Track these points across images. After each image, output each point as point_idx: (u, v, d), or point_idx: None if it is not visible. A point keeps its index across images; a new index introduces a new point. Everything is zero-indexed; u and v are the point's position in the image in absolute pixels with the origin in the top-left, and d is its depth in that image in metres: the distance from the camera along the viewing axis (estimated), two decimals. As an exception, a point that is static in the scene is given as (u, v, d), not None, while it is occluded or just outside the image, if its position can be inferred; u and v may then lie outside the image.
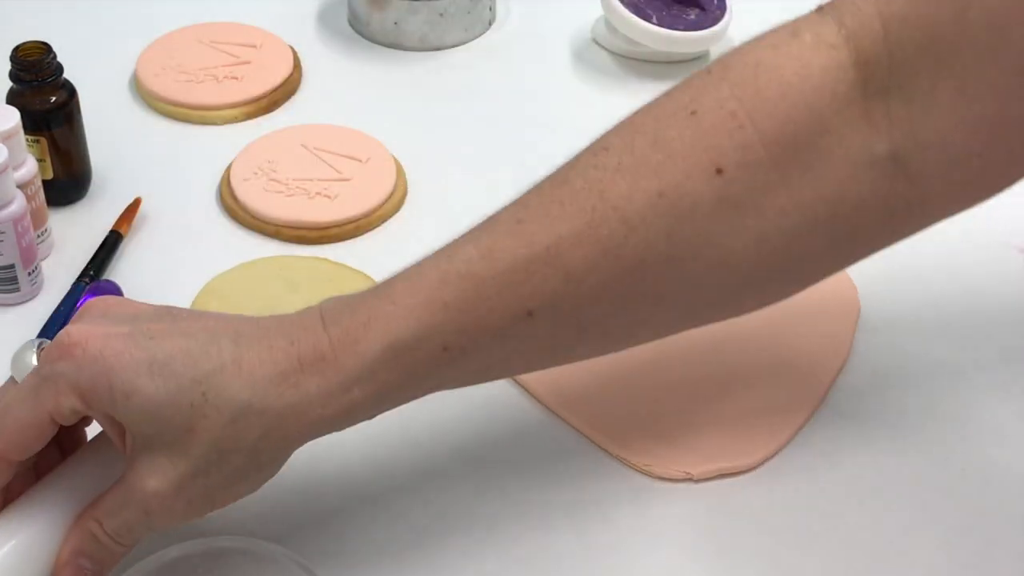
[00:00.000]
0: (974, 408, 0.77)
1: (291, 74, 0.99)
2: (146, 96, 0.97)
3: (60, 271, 0.84)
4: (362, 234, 0.88)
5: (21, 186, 0.80)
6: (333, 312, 0.61)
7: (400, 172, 0.91)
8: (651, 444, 0.73)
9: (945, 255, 0.86)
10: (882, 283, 0.83)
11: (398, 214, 0.89)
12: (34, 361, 0.65)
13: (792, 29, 0.61)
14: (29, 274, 0.81)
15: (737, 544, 0.70)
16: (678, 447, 0.73)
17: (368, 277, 0.83)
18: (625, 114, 0.63)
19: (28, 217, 0.80)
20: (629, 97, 0.67)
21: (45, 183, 0.85)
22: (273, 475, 0.62)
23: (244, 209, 0.88)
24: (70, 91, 0.86)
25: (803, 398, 0.76)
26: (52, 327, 0.79)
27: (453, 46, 1.04)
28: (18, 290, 0.81)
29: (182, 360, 0.58)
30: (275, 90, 0.98)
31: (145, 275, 0.84)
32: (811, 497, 0.72)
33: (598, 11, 1.04)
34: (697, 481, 0.72)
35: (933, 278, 0.84)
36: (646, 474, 0.73)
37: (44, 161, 0.86)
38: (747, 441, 0.74)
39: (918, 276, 0.84)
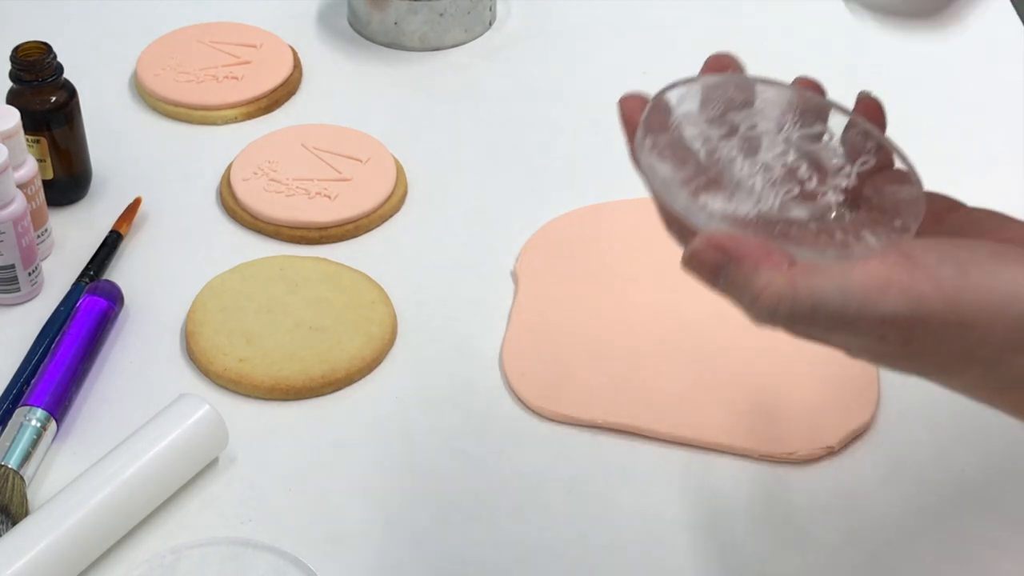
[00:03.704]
0: (975, 407, 0.76)
1: (291, 74, 0.99)
2: (146, 96, 0.97)
3: (60, 271, 0.84)
4: (362, 234, 0.88)
5: (21, 186, 0.80)
6: None
7: (400, 172, 0.91)
8: (763, 434, 0.74)
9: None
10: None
11: (398, 214, 0.89)
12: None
13: None
14: (29, 274, 0.81)
15: (738, 540, 0.70)
16: (780, 429, 0.74)
17: (368, 277, 0.83)
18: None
19: (28, 217, 0.80)
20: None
21: (45, 183, 0.85)
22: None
23: (244, 209, 0.88)
24: (70, 91, 0.86)
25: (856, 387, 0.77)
26: (52, 327, 0.79)
27: (453, 46, 1.04)
28: (18, 290, 0.81)
29: None
30: (275, 90, 0.98)
31: (145, 275, 0.84)
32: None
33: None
34: (835, 452, 0.74)
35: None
36: (787, 461, 0.73)
37: (44, 161, 0.86)
38: (833, 414, 0.75)
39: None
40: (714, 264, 0.51)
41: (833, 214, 0.54)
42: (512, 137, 0.96)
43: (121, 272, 0.85)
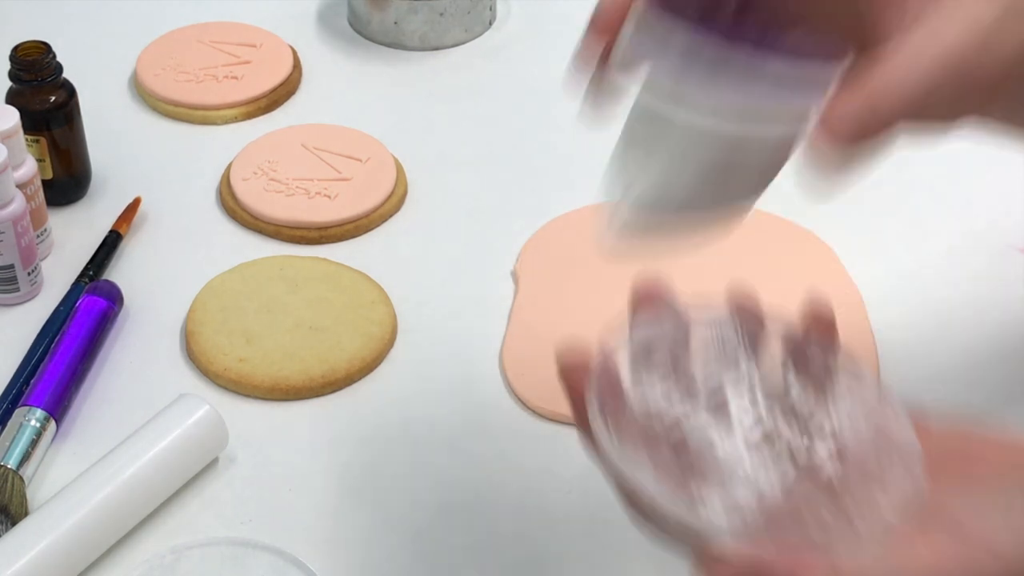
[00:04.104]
0: (975, 408, 0.76)
1: (291, 74, 0.99)
2: (146, 96, 0.97)
3: (60, 271, 0.84)
4: (362, 234, 0.88)
5: (21, 186, 0.80)
6: None
7: (400, 172, 0.91)
8: None
9: (946, 255, 0.86)
10: (884, 283, 0.83)
11: (398, 214, 0.89)
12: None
13: None
14: (29, 274, 0.81)
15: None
16: None
17: (368, 277, 0.83)
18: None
19: (28, 217, 0.80)
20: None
21: (45, 183, 0.85)
22: None
23: (244, 209, 0.88)
24: (70, 91, 0.86)
25: None
26: (51, 327, 0.79)
27: (453, 46, 1.04)
28: (18, 290, 0.81)
29: None
30: (275, 90, 0.98)
31: (145, 275, 0.84)
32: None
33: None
34: None
35: (933, 278, 0.84)
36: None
37: (44, 161, 0.86)
38: None
39: (919, 276, 0.84)
40: None
41: (832, 476, 0.50)
42: (512, 137, 0.96)
43: (121, 272, 0.85)
